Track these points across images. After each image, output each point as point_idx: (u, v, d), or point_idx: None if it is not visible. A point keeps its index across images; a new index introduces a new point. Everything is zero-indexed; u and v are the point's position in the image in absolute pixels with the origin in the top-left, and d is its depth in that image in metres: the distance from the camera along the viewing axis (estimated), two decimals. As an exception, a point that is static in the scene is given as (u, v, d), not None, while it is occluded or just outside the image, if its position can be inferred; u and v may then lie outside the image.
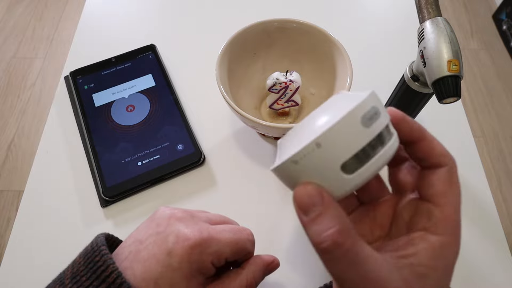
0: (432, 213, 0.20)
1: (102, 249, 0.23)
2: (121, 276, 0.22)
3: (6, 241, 0.95)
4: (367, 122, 0.19)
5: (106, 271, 0.22)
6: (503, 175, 1.21)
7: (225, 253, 0.25)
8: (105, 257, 0.23)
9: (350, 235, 0.18)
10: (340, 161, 0.19)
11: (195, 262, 0.24)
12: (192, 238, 0.24)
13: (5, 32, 1.53)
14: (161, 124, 0.45)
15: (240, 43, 0.43)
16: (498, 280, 0.37)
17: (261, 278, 0.28)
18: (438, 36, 0.31)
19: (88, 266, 0.23)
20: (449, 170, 0.21)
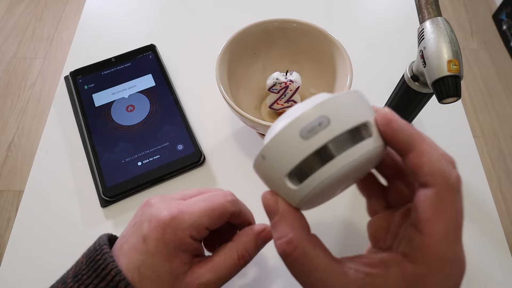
0: (412, 239, 0.18)
1: (104, 248, 0.23)
2: (120, 274, 0.22)
3: (6, 241, 0.95)
4: (306, 134, 0.18)
5: (106, 269, 0.22)
6: (503, 175, 1.21)
7: (203, 223, 0.24)
8: (106, 255, 0.23)
9: (300, 245, 0.19)
10: (283, 173, 0.19)
11: (172, 241, 0.23)
12: (162, 218, 0.23)
13: (5, 32, 1.53)
14: (161, 124, 0.45)
15: (240, 43, 0.43)
16: (498, 280, 0.37)
17: (254, 250, 0.26)
18: (438, 36, 0.31)
19: (89, 265, 0.23)
20: (437, 193, 0.18)
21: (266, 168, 0.20)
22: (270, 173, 0.20)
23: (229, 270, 0.25)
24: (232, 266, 0.25)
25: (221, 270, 0.24)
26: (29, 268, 0.37)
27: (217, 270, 0.24)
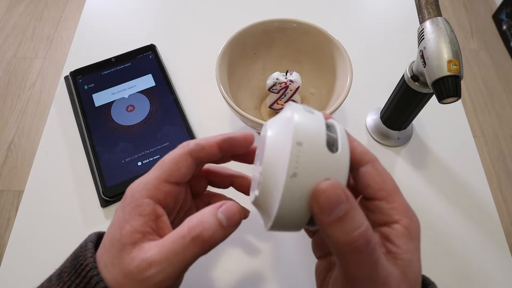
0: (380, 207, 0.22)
1: (88, 245, 0.22)
2: (95, 269, 0.21)
3: (6, 241, 0.95)
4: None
5: (83, 265, 0.21)
6: (503, 175, 1.21)
7: (159, 177, 0.23)
8: (87, 252, 0.22)
9: (373, 233, 0.19)
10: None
11: (127, 204, 0.22)
12: (127, 189, 0.23)
13: (5, 32, 1.53)
14: (161, 124, 0.45)
15: (240, 43, 0.43)
16: (498, 280, 0.37)
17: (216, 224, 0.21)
18: (438, 36, 0.31)
19: (72, 263, 0.22)
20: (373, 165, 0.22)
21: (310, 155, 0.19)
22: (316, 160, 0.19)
23: (176, 246, 0.20)
24: (179, 240, 0.20)
25: (167, 245, 0.20)
26: (29, 268, 0.37)
27: (163, 246, 0.20)
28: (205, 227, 0.20)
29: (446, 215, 0.40)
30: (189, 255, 0.20)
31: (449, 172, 0.43)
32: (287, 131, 0.19)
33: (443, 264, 0.38)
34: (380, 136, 0.45)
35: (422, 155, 0.44)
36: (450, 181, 0.43)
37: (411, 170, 0.43)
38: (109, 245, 0.21)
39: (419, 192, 0.42)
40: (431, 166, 0.44)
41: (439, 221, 0.40)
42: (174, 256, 0.20)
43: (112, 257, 0.21)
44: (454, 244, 0.39)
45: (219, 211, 0.21)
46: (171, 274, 0.20)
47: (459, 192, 0.42)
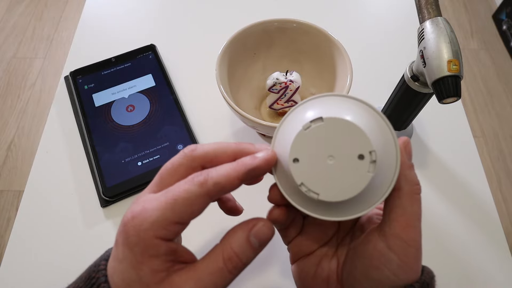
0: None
1: (102, 264, 0.21)
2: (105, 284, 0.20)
3: (6, 241, 0.95)
4: None
5: (96, 283, 0.20)
6: (503, 175, 1.21)
7: (169, 219, 0.19)
8: (100, 273, 0.21)
9: None
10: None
11: (135, 244, 0.19)
12: (124, 219, 0.20)
13: (5, 32, 1.53)
14: (161, 124, 0.45)
15: (240, 43, 0.43)
16: (498, 280, 0.37)
17: (246, 250, 0.20)
18: (438, 36, 0.31)
19: (86, 282, 0.21)
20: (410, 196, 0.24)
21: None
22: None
23: (215, 278, 0.20)
24: (217, 273, 0.20)
25: (205, 279, 0.20)
26: (29, 268, 0.37)
27: (200, 278, 0.20)
28: (239, 257, 0.20)
29: (446, 215, 0.40)
30: (225, 281, 0.20)
31: (449, 172, 0.43)
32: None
33: (443, 264, 0.38)
34: (380, 136, 0.45)
35: (422, 155, 0.44)
36: (450, 181, 0.43)
37: (411, 170, 0.43)
38: (125, 286, 0.20)
39: (419, 192, 0.42)
40: (431, 166, 0.44)
41: (439, 221, 0.40)
42: (213, 285, 0.20)
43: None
44: (454, 244, 0.39)
45: (252, 235, 0.21)
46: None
47: (459, 192, 0.42)
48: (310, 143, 0.20)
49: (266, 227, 0.21)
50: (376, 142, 0.20)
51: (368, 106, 0.22)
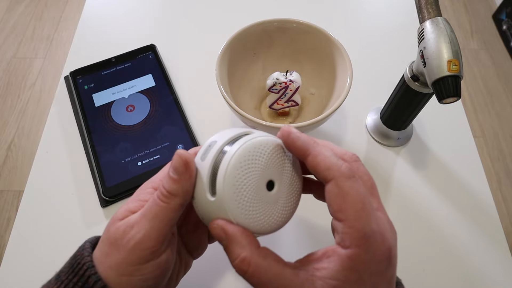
0: (337, 228, 0.21)
1: (86, 245, 0.24)
2: (92, 268, 0.22)
3: (6, 241, 0.95)
4: (202, 157, 0.24)
5: (80, 263, 0.22)
6: (503, 175, 1.21)
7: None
8: (85, 251, 0.23)
9: (252, 261, 0.21)
10: (205, 192, 0.23)
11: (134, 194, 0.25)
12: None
13: (5, 32, 1.53)
14: (161, 124, 0.45)
15: (240, 43, 0.43)
16: (498, 280, 0.37)
17: (168, 179, 0.23)
18: (438, 36, 0.31)
19: (70, 263, 0.23)
20: (336, 183, 0.21)
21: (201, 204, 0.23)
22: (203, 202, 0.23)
23: (151, 206, 0.23)
24: (153, 204, 0.23)
25: (144, 208, 0.23)
26: (29, 268, 0.37)
27: (143, 211, 0.23)
28: (164, 185, 0.23)
29: (446, 215, 0.40)
30: (160, 211, 0.22)
31: (449, 172, 0.43)
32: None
33: (443, 263, 0.38)
34: (380, 136, 0.45)
35: (422, 155, 0.44)
36: (450, 181, 0.43)
37: (411, 170, 0.43)
38: (105, 228, 0.24)
39: (419, 192, 0.42)
40: (431, 166, 0.44)
41: (439, 221, 0.40)
42: (150, 213, 0.22)
43: (104, 233, 0.23)
44: (454, 244, 0.39)
45: (170, 166, 0.23)
46: (150, 231, 0.22)
47: (459, 192, 0.42)
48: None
49: (177, 156, 0.23)
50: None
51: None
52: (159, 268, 0.23)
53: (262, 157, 0.23)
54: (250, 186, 0.22)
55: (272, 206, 0.23)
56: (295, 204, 0.24)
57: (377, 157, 0.44)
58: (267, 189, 0.23)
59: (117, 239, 0.22)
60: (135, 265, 0.22)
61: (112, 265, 0.22)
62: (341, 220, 0.20)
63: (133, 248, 0.22)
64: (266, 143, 0.23)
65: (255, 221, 0.22)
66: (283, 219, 0.24)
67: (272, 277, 0.21)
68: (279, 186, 0.23)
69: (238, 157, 0.22)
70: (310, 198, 0.27)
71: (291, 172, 0.24)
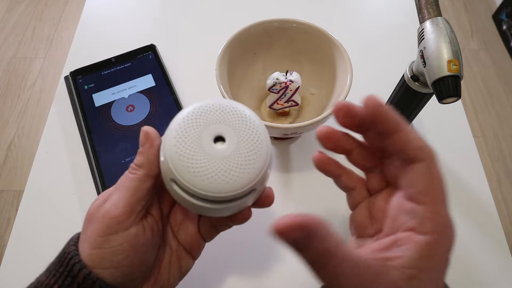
0: (415, 212, 0.20)
1: (74, 236, 0.24)
2: (76, 257, 0.22)
3: (6, 241, 0.95)
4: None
5: (66, 253, 0.23)
6: (503, 175, 1.21)
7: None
8: (71, 241, 0.24)
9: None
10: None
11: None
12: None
13: (5, 32, 1.53)
14: (161, 124, 0.45)
15: (240, 43, 0.43)
16: (498, 280, 0.37)
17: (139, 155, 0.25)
18: (438, 36, 0.31)
19: (58, 256, 0.24)
20: (427, 165, 0.20)
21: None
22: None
23: (123, 179, 0.25)
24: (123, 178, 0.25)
25: (118, 184, 0.25)
26: (29, 268, 0.37)
27: (116, 185, 0.25)
28: (135, 162, 0.24)
29: (446, 215, 0.40)
30: (127, 182, 0.24)
31: (449, 172, 0.43)
32: None
33: (443, 264, 0.38)
34: (380, 136, 0.45)
35: (422, 155, 0.44)
36: (450, 181, 0.43)
37: (411, 170, 0.43)
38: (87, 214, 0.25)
39: (419, 192, 0.42)
40: (431, 166, 0.44)
41: (439, 221, 0.40)
42: (119, 185, 0.24)
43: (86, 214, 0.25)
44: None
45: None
46: (117, 201, 0.23)
47: (459, 192, 0.42)
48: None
49: (141, 131, 0.25)
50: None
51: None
52: (127, 240, 0.23)
53: (211, 112, 0.23)
54: (191, 139, 0.22)
55: (220, 162, 0.22)
56: (257, 166, 0.22)
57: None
58: (214, 143, 0.22)
59: (92, 214, 0.24)
60: (103, 236, 0.22)
61: (85, 239, 0.23)
62: (423, 203, 0.19)
63: (102, 217, 0.23)
64: (216, 102, 0.23)
65: (203, 178, 0.21)
66: (237, 180, 0.22)
67: (347, 267, 0.17)
68: (232, 143, 0.22)
69: (183, 113, 0.23)
70: (311, 196, 0.27)
71: (254, 132, 0.23)
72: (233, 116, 0.23)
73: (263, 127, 0.24)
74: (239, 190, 0.22)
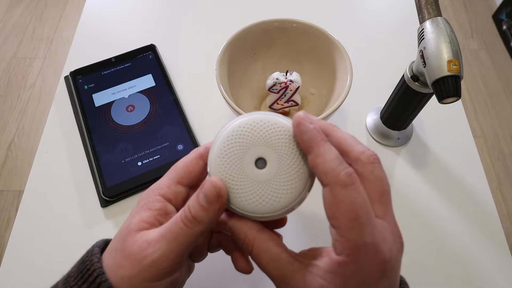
0: (332, 233, 0.21)
1: (95, 250, 0.23)
2: (103, 275, 0.21)
3: (6, 241, 0.95)
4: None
5: (90, 269, 0.22)
6: (503, 175, 1.21)
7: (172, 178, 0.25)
8: (93, 256, 0.23)
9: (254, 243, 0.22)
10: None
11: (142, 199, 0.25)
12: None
13: (5, 32, 1.53)
14: (161, 124, 0.45)
15: (240, 43, 0.43)
16: (498, 280, 0.37)
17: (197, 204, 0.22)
18: (438, 36, 0.31)
19: (79, 268, 0.23)
20: (331, 190, 0.20)
21: None
22: None
23: (172, 227, 0.22)
24: (175, 225, 0.22)
25: (165, 228, 0.23)
26: (29, 268, 0.37)
27: (163, 230, 0.22)
28: (191, 212, 0.22)
29: (446, 215, 0.40)
30: (181, 235, 0.22)
31: (449, 172, 0.43)
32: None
33: (442, 264, 0.38)
34: (380, 136, 0.45)
35: (422, 155, 0.44)
36: (450, 181, 0.43)
37: (411, 170, 0.43)
38: (118, 235, 0.23)
39: (419, 192, 0.42)
40: (431, 166, 0.44)
41: (439, 221, 0.40)
42: (170, 235, 0.22)
43: (117, 243, 0.23)
44: (454, 244, 0.39)
45: (201, 191, 0.23)
46: (168, 252, 0.22)
47: (459, 192, 0.42)
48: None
49: (210, 183, 0.22)
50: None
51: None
52: (172, 284, 0.23)
53: (254, 132, 0.22)
54: (234, 160, 0.22)
55: (261, 185, 0.22)
56: (296, 190, 0.22)
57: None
58: (256, 166, 0.22)
59: (133, 253, 0.22)
60: (148, 282, 0.22)
61: (124, 277, 0.21)
62: (334, 227, 0.20)
63: (149, 266, 0.21)
64: (267, 120, 0.22)
65: (240, 198, 0.22)
66: (276, 203, 0.22)
67: (269, 259, 0.22)
68: (273, 166, 0.22)
69: (230, 129, 0.22)
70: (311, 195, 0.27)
71: (295, 155, 0.22)
72: (275, 136, 0.23)
73: None
74: (276, 212, 0.23)
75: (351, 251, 0.20)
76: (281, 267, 0.21)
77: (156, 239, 0.22)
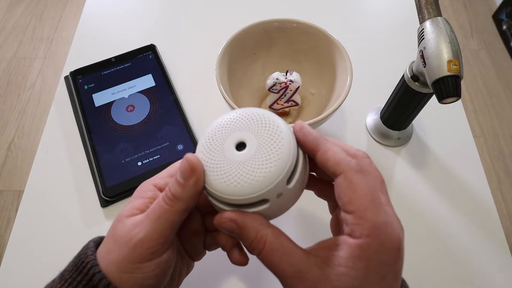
0: (347, 221, 0.21)
1: (90, 244, 0.24)
2: (96, 266, 0.22)
3: (6, 241, 0.95)
4: None
5: (84, 262, 0.23)
6: (503, 175, 1.20)
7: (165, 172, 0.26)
8: (88, 250, 0.23)
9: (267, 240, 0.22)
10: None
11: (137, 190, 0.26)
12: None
13: (5, 32, 1.53)
14: (161, 124, 0.45)
15: (240, 43, 0.43)
16: (498, 280, 0.37)
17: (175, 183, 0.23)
18: (438, 36, 0.31)
19: (74, 261, 0.23)
20: (346, 177, 0.21)
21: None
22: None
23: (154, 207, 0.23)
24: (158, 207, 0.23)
25: (150, 211, 0.23)
26: (29, 268, 0.37)
27: (148, 211, 0.23)
28: (170, 190, 0.23)
29: (446, 215, 0.40)
30: (163, 214, 0.23)
31: (449, 172, 0.43)
32: None
33: (443, 264, 0.38)
34: (380, 136, 0.45)
35: (422, 155, 0.44)
36: (450, 181, 0.43)
37: (411, 170, 0.43)
38: (111, 225, 0.24)
39: (419, 192, 0.42)
40: (431, 166, 0.44)
41: (439, 221, 0.40)
42: (153, 214, 0.23)
43: (109, 231, 0.24)
44: (454, 244, 0.39)
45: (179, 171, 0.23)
46: (151, 232, 0.22)
47: (459, 192, 0.42)
48: None
49: (184, 159, 0.23)
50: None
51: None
52: (159, 267, 0.23)
53: (239, 120, 0.24)
54: (214, 143, 0.23)
55: (238, 166, 0.22)
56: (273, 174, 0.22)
57: (377, 157, 0.44)
58: (236, 149, 0.23)
59: (121, 237, 0.23)
60: (135, 263, 0.22)
61: (113, 261, 0.22)
62: (350, 212, 0.21)
63: (135, 246, 0.22)
64: (255, 110, 0.24)
65: (217, 179, 0.22)
66: (252, 185, 0.22)
67: (283, 255, 0.21)
68: (252, 148, 0.23)
69: (217, 121, 0.24)
70: (311, 195, 0.27)
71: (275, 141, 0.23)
72: (258, 124, 0.24)
73: (289, 136, 0.23)
74: (252, 195, 0.22)
75: (371, 231, 0.20)
76: (297, 262, 0.21)
77: (141, 220, 0.23)
